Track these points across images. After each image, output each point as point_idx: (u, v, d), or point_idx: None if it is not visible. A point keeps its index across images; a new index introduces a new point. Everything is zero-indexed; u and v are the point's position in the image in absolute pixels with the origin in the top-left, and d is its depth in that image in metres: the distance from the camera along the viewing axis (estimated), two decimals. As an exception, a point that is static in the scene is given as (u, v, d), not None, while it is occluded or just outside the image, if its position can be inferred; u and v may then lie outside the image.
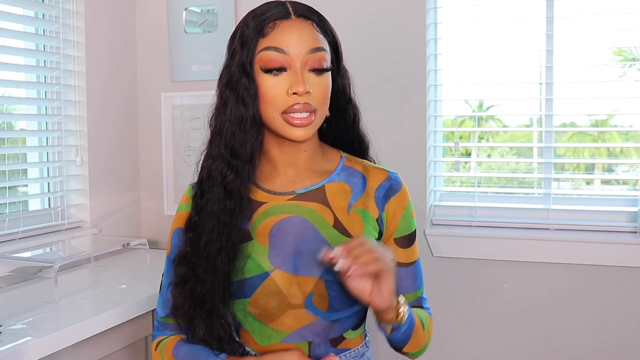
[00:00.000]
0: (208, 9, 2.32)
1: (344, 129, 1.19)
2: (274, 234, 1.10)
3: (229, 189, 1.09)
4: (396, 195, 1.16)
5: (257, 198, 1.13)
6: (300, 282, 1.07)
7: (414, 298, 1.19)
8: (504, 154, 2.39)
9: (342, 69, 1.15)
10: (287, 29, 1.06)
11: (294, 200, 1.12)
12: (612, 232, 1.99)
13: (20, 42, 2.06)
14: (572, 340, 2.02)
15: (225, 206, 1.08)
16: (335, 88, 1.14)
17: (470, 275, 2.11)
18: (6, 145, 2.03)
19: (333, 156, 1.19)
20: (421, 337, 1.14)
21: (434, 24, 2.14)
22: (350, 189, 1.14)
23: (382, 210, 1.15)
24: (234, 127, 1.08)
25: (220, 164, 1.09)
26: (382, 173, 1.17)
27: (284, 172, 1.14)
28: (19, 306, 1.60)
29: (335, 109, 1.15)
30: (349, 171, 1.17)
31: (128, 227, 2.38)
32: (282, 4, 1.09)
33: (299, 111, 1.05)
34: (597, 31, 2.00)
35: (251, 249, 1.09)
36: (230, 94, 1.08)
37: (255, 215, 1.12)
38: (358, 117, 1.20)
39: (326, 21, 1.11)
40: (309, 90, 1.04)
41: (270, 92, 1.05)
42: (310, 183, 1.14)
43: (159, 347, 1.18)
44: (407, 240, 1.18)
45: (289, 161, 1.14)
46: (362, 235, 1.09)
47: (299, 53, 1.05)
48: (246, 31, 1.07)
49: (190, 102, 2.37)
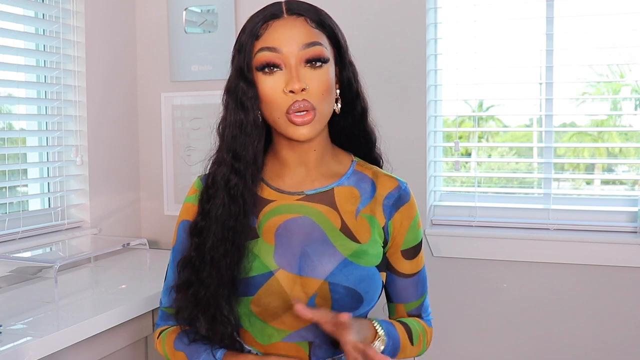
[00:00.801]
0: (208, 9, 2.32)
1: (351, 124, 1.18)
2: (281, 233, 1.10)
3: (233, 193, 1.09)
4: (404, 206, 1.16)
5: (266, 196, 1.13)
6: (304, 283, 1.07)
7: (415, 306, 1.20)
8: (504, 154, 2.39)
9: (347, 63, 1.14)
10: (278, 27, 1.06)
11: (303, 200, 1.13)
12: (612, 232, 1.99)
13: (20, 42, 2.06)
14: (572, 340, 2.02)
15: (230, 210, 1.09)
16: (341, 83, 1.14)
17: (470, 275, 2.11)
18: (6, 145, 2.03)
19: (344, 159, 1.19)
20: (410, 351, 1.15)
21: (434, 24, 2.14)
22: (359, 194, 1.14)
23: (389, 219, 1.15)
24: (234, 131, 1.09)
25: (224, 169, 1.10)
26: (392, 181, 1.17)
27: (294, 171, 1.15)
28: (19, 306, 1.59)
29: (343, 103, 1.15)
30: (359, 176, 1.17)
31: (128, 227, 2.38)
32: (278, 3, 1.10)
33: (299, 109, 1.05)
34: (597, 31, 2.00)
35: (257, 247, 1.10)
36: (230, 99, 1.10)
37: (262, 213, 1.12)
38: (366, 112, 1.19)
39: (324, 16, 1.11)
40: (305, 87, 1.04)
41: (269, 93, 1.06)
42: (320, 185, 1.14)
43: (161, 336, 1.20)
44: (413, 252, 1.18)
45: (299, 160, 1.14)
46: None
47: (292, 50, 1.05)
48: (242, 36, 1.09)
49: (190, 102, 2.37)
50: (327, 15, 1.12)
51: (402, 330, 1.14)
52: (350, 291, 1.07)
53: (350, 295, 1.07)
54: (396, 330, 1.13)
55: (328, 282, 1.06)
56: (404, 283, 1.17)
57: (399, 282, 1.17)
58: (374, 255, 1.11)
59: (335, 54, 1.12)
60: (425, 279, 1.21)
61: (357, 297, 1.08)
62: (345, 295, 1.07)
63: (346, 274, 1.07)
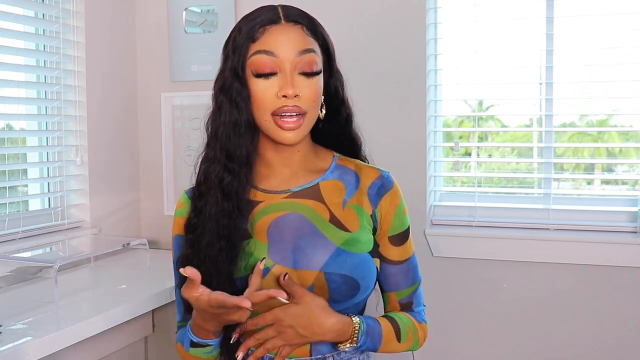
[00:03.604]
0: (208, 9, 2.32)
1: (336, 129, 1.21)
2: (272, 230, 1.12)
3: (227, 191, 1.11)
4: (388, 193, 1.18)
5: (254, 197, 1.15)
6: (300, 276, 1.09)
7: (406, 294, 1.21)
8: (505, 154, 2.39)
9: (335, 71, 1.17)
10: (276, 32, 1.08)
11: (290, 198, 1.15)
12: (612, 232, 1.99)
13: (20, 42, 2.06)
14: (572, 340, 2.02)
15: (224, 208, 1.11)
16: (328, 90, 1.17)
17: (470, 275, 2.11)
18: (6, 145, 2.03)
19: (326, 156, 1.22)
20: (395, 348, 1.16)
21: (434, 24, 2.14)
22: (344, 186, 1.17)
23: (376, 207, 1.17)
24: (228, 130, 1.11)
25: (217, 167, 1.12)
26: (374, 171, 1.20)
27: (279, 172, 1.17)
28: (19, 306, 1.60)
29: (328, 110, 1.17)
30: (342, 170, 1.20)
31: (128, 227, 2.38)
32: (273, 8, 1.11)
33: (288, 112, 1.07)
34: (597, 31, 2.00)
35: (251, 246, 1.11)
36: (224, 98, 1.12)
37: (252, 214, 1.14)
38: (351, 118, 1.22)
39: (317, 24, 1.14)
40: (298, 94, 1.07)
41: (261, 95, 1.08)
42: (305, 181, 1.17)
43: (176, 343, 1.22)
44: (400, 238, 1.20)
45: (284, 162, 1.17)
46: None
47: (288, 56, 1.07)
48: (237, 37, 1.11)
49: (190, 102, 2.37)
50: (320, 24, 1.15)
51: (388, 325, 1.15)
52: (346, 279, 1.09)
53: (347, 283, 1.09)
54: (379, 325, 1.14)
55: (324, 272, 1.08)
56: (394, 270, 1.19)
57: (389, 270, 1.19)
58: (365, 242, 1.14)
59: (325, 62, 1.14)
60: (415, 267, 1.22)
61: (354, 284, 1.10)
62: (342, 284, 1.09)
63: (340, 262, 1.09)
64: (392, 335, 1.15)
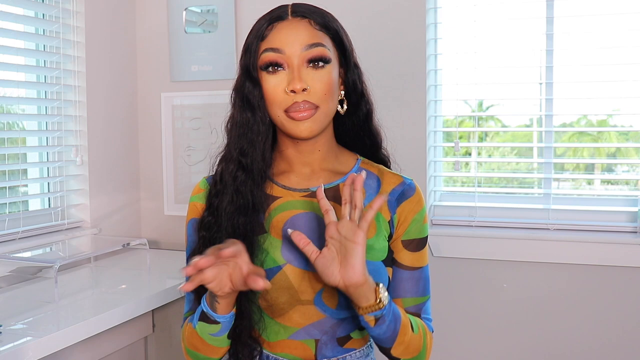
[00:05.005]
0: (208, 9, 2.32)
1: (356, 125, 1.20)
2: (288, 228, 1.11)
3: (241, 190, 1.11)
4: (408, 200, 1.16)
5: (272, 192, 1.15)
6: (311, 278, 1.08)
7: (413, 304, 1.16)
8: (505, 154, 2.39)
9: (352, 65, 1.16)
10: (283, 29, 1.09)
11: (309, 197, 1.14)
12: (612, 232, 1.99)
13: (20, 42, 2.06)
14: (572, 340, 2.02)
15: (239, 206, 1.11)
16: (346, 84, 1.16)
17: (470, 275, 2.11)
18: (6, 145, 2.03)
19: (349, 159, 1.20)
20: (411, 339, 1.09)
21: (434, 24, 2.14)
22: (365, 190, 1.15)
23: (394, 213, 1.15)
24: (242, 129, 1.12)
25: (231, 166, 1.13)
26: (397, 178, 1.18)
27: (299, 170, 1.17)
28: (19, 306, 1.60)
29: (348, 105, 1.17)
30: (365, 173, 1.17)
31: (128, 227, 2.38)
32: (284, 6, 1.12)
33: (299, 108, 1.07)
34: (597, 31, 2.00)
35: (265, 242, 1.11)
36: (237, 97, 1.13)
37: (269, 209, 1.14)
38: (371, 113, 1.21)
39: (330, 18, 1.13)
40: (306, 87, 1.06)
41: (272, 92, 1.08)
42: (325, 182, 1.16)
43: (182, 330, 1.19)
44: (416, 244, 1.17)
45: (304, 160, 1.16)
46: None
47: (295, 51, 1.07)
48: (249, 37, 1.12)
49: (190, 102, 2.37)
50: (333, 17, 1.14)
51: (402, 311, 1.10)
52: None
53: None
54: (395, 305, 1.09)
55: None
56: (405, 275, 1.15)
57: (400, 275, 1.16)
58: (379, 250, 1.12)
59: (340, 56, 1.14)
60: (427, 279, 1.19)
61: None
62: None
63: None
64: (408, 322, 1.10)
